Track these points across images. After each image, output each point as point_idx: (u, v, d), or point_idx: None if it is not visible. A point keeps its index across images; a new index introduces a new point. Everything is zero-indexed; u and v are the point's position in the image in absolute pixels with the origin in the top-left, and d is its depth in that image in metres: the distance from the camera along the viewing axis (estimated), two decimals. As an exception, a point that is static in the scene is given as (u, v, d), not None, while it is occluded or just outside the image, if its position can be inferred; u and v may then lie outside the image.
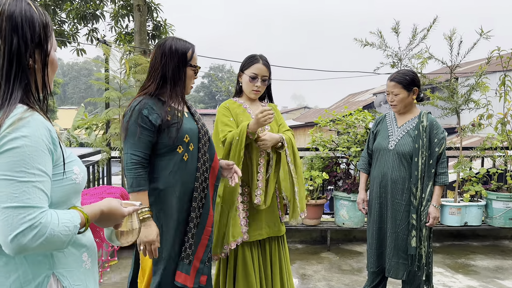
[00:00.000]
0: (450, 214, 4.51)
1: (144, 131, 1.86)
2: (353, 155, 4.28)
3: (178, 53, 1.93)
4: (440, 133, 2.71)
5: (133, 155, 1.86)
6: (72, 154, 1.21)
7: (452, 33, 4.33)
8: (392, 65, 4.72)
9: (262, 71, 2.58)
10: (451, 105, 4.43)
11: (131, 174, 1.86)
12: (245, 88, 2.64)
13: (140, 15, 6.72)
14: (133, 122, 1.86)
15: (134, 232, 1.34)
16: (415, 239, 2.69)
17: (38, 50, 1.11)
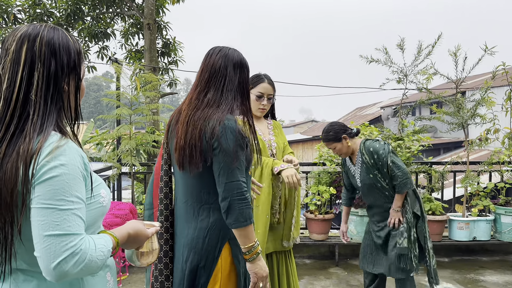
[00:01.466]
0: (458, 229, 4.51)
1: (243, 153, 1.66)
2: (360, 170, 4.31)
3: (247, 66, 1.81)
4: (380, 155, 2.88)
5: (244, 182, 1.63)
6: (98, 177, 1.23)
7: (456, 49, 4.40)
8: (398, 80, 4.78)
9: (267, 90, 2.69)
10: (458, 120, 4.46)
11: (246, 204, 1.61)
12: (251, 107, 2.75)
13: (150, 33, 6.87)
14: (239, 146, 1.63)
15: (154, 252, 1.35)
16: (406, 240, 2.87)
17: (73, 74, 1.17)
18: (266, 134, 2.80)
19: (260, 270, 1.67)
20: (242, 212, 1.60)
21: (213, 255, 1.70)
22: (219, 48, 1.80)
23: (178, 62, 8.86)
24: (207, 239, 1.70)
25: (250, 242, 1.64)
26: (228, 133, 1.62)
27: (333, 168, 4.46)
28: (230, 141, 1.61)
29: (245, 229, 1.61)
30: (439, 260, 4.67)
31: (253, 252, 1.65)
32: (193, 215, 1.73)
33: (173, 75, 8.93)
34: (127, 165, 4.48)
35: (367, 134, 4.33)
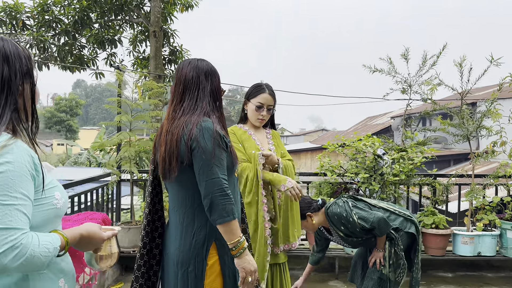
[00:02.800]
0: (462, 243, 4.39)
1: (224, 153, 1.73)
2: (362, 181, 4.24)
3: (216, 73, 1.92)
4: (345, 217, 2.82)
5: (224, 179, 1.68)
6: (54, 180, 1.28)
7: (462, 59, 4.32)
8: (402, 91, 4.71)
9: (268, 100, 2.67)
10: (462, 132, 4.37)
11: (228, 200, 1.66)
12: (250, 116, 2.74)
13: (156, 41, 6.91)
14: (216, 144, 1.70)
15: (113, 256, 1.40)
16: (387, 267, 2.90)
17: (27, 79, 1.23)
18: (265, 144, 2.77)
19: (248, 265, 1.70)
20: (224, 208, 1.64)
21: (201, 256, 1.74)
22: (189, 61, 1.89)
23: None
24: (194, 240, 1.74)
25: (235, 237, 1.67)
26: (205, 132, 1.69)
27: (334, 178, 4.39)
28: (207, 140, 1.68)
29: (229, 224, 1.65)
30: (443, 275, 4.56)
31: (239, 247, 1.68)
32: (180, 221, 1.78)
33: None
34: (127, 172, 4.46)
35: (369, 145, 4.26)
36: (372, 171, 4.27)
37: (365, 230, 2.82)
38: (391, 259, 2.87)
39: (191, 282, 1.72)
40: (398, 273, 2.91)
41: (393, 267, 2.88)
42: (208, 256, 1.73)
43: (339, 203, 2.92)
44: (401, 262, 2.88)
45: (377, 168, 4.28)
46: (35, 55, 7.60)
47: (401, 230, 2.92)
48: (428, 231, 4.36)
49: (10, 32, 7.38)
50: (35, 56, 7.61)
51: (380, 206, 3.02)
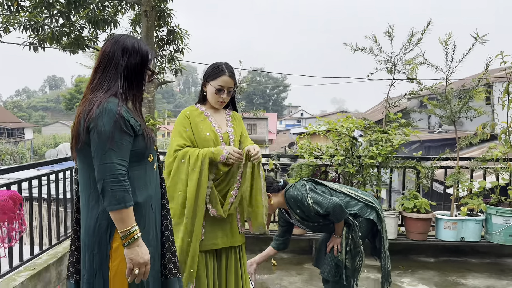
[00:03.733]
0: (445, 228, 4.27)
1: (126, 137, 1.64)
2: (337, 163, 4.14)
3: (141, 52, 1.77)
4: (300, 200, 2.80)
5: (120, 165, 1.60)
6: None
7: (447, 37, 4.11)
8: (388, 70, 4.54)
9: (228, 83, 2.57)
10: (447, 113, 4.20)
11: (121, 187, 1.59)
12: (210, 99, 2.64)
13: (147, 20, 6.82)
14: (117, 128, 1.61)
15: None
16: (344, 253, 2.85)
17: None
18: (223, 125, 2.69)
19: (136, 257, 1.63)
20: (115, 195, 1.58)
21: (105, 241, 1.68)
22: (113, 36, 1.80)
23: (184, 51, 8.80)
24: (98, 224, 1.68)
25: (125, 226, 1.61)
26: (105, 114, 1.60)
27: (310, 161, 4.30)
28: (106, 123, 1.60)
29: (119, 212, 1.59)
30: (424, 260, 4.46)
31: (129, 236, 1.61)
32: (86, 203, 1.72)
33: (179, 63, 8.89)
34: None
35: (346, 126, 4.13)
36: (349, 153, 4.16)
37: (321, 215, 2.76)
38: (348, 245, 2.80)
39: (96, 265, 1.68)
40: (357, 261, 2.83)
41: (350, 254, 2.81)
42: (113, 240, 1.67)
43: (297, 185, 2.86)
44: (359, 250, 2.80)
45: (354, 151, 4.17)
46: (30, 37, 7.64)
47: (360, 216, 2.84)
48: (409, 215, 4.25)
49: (5, 13, 7.43)
50: (30, 38, 7.65)
51: (341, 191, 2.94)
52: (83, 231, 1.74)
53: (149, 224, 1.77)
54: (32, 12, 7.32)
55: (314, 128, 4.49)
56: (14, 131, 45.07)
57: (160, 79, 8.17)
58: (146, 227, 1.75)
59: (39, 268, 3.37)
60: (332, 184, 3.01)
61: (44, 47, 7.74)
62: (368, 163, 4.06)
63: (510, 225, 4.13)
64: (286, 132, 48.55)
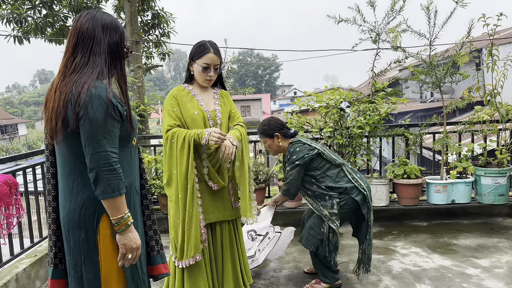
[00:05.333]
0: (435, 192, 4.36)
1: (116, 124, 1.63)
2: (326, 135, 4.19)
3: (119, 28, 1.74)
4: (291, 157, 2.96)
5: (113, 152, 1.60)
6: None
7: (429, 3, 4.12)
8: (373, 40, 4.55)
9: (214, 60, 2.59)
10: (432, 79, 4.24)
11: (115, 175, 1.59)
12: (197, 78, 2.68)
13: (130, 5, 6.76)
14: (108, 114, 1.59)
15: None
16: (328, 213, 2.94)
17: None
18: (210, 104, 2.72)
19: (130, 242, 1.65)
20: (109, 183, 1.58)
21: (92, 227, 1.69)
22: (87, 12, 1.72)
23: (170, 34, 8.74)
24: (83, 210, 1.68)
25: (119, 213, 1.63)
26: (95, 100, 1.57)
27: (301, 135, 4.35)
28: (97, 110, 1.57)
29: (113, 200, 1.60)
30: (417, 224, 4.57)
31: (122, 223, 1.63)
32: (69, 188, 1.70)
33: (166, 47, 8.84)
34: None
35: (333, 98, 4.18)
36: (338, 125, 4.21)
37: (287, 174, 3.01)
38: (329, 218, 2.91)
39: (84, 251, 1.69)
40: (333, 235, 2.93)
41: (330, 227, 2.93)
42: (100, 226, 1.68)
43: (303, 150, 2.95)
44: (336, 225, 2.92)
45: (343, 122, 4.22)
46: (13, 30, 7.56)
47: (348, 194, 2.93)
48: (399, 181, 4.34)
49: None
50: (14, 31, 7.57)
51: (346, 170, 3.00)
52: (65, 216, 1.72)
53: (134, 207, 1.80)
54: (14, 4, 7.23)
55: (302, 103, 4.54)
56: (8, 127, 44.78)
57: (148, 64, 8.15)
58: (132, 210, 1.76)
59: (40, 255, 3.44)
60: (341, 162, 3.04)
61: (29, 38, 7.66)
62: (357, 134, 4.12)
63: (499, 184, 4.23)
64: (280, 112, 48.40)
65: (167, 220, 4.66)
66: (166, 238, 4.46)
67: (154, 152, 5.15)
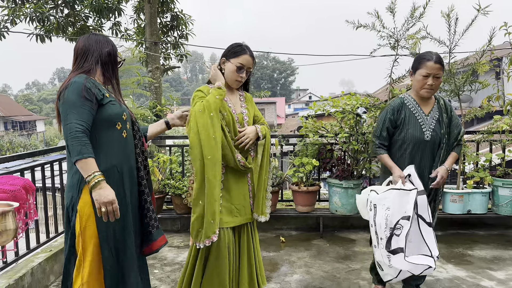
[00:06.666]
0: (451, 201, 4.30)
1: (87, 103, 1.95)
2: (341, 140, 4.17)
3: (111, 42, 2.20)
4: (455, 114, 2.76)
5: (78, 124, 1.90)
6: None
7: (450, 10, 4.08)
8: (391, 46, 4.52)
9: (248, 62, 2.55)
10: (451, 87, 4.19)
11: (78, 141, 1.88)
12: (228, 76, 2.57)
13: (150, 7, 6.84)
14: (75, 93, 1.93)
15: (8, 232, 1.42)
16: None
17: None
18: (237, 106, 2.64)
19: (101, 197, 1.88)
20: (74, 149, 1.88)
21: (76, 195, 1.99)
22: (83, 35, 2.20)
23: (188, 36, 8.81)
24: (69, 180, 2.02)
25: (87, 173, 1.89)
26: (71, 85, 1.95)
27: (315, 139, 4.34)
28: (70, 92, 1.94)
29: (79, 162, 1.88)
30: (432, 233, 4.50)
31: (92, 180, 1.88)
32: (68, 167, 2.10)
33: (184, 49, 8.91)
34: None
35: (350, 104, 4.16)
36: (354, 130, 4.19)
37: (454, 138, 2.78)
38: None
39: (69, 217, 2.01)
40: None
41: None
42: (81, 195, 1.96)
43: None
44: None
45: (359, 128, 4.19)
46: (36, 28, 7.72)
47: None
48: (415, 190, 4.28)
49: (10, 5, 7.50)
50: (36, 29, 7.73)
51: None
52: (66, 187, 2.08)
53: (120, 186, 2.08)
54: (37, 3, 7.38)
55: (318, 107, 4.52)
56: (26, 124, 45.64)
57: (166, 66, 8.22)
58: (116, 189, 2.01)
59: (55, 250, 3.50)
60: None
61: (50, 37, 7.81)
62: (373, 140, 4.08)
63: (517, 196, 4.15)
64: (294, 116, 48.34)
65: (180, 220, 4.72)
66: (179, 238, 4.50)
67: (170, 152, 5.19)
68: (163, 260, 3.90)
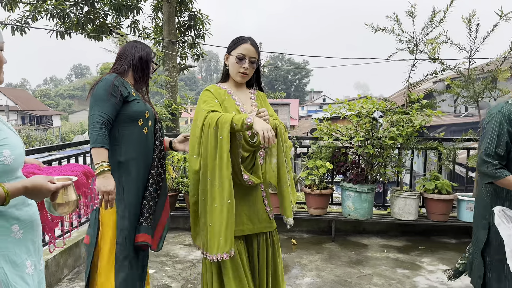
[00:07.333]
0: (467, 209, 4.25)
1: (112, 98, 2.17)
2: (356, 144, 4.14)
3: (147, 48, 2.43)
4: None
5: (99, 116, 2.13)
6: (7, 139, 1.37)
7: (471, 15, 4.03)
8: (410, 51, 4.48)
9: (250, 51, 2.34)
10: (470, 93, 4.13)
11: (96, 131, 2.10)
12: (231, 71, 2.41)
13: (168, 6, 6.89)
14: (103, 89, 2.17)
15: (70, 204, 1.52)
16: None
17: None
18: (247, 105, 2.44)
19: (100, 185, 2.06)
20: (91, 137, 2.12)
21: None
22: (127, 42, 2.51)
23: (205, 36, 8.85)
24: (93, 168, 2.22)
25: (96, 161, 2.10)
26: (102, 81, 2.20)
27: (329, 142, 4.32)
28: (99, 87, 2.18)
29: (93, 150, 2.11)
30: (446, 241, 4.45)
31: (98, 169, 2.07)
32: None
33: (200, 48, 8.95)
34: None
35: (366, 107, 4.13)
36: (370, 134, 4.15)
37: None
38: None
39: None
40: None
41: None
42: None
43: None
44: None
45: (374, 132, 4.16)
46: (56, 24, 7.84)
47: None
48: (430, 196, 4.24)
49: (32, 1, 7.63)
50: (56, 25, 7.85)
51: None
52: None
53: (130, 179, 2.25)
54: (58, 0, 7.49)
55: (334, 110, 4.50)
56: (43, 118, 46.37)
57: (182, 65, 8.27)
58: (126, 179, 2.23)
59: (69, 244, 3.55)
60: None
61: (70, 33, 7.93)
62: (388, 144, 4.06)
63: (535, 206, 4.07)
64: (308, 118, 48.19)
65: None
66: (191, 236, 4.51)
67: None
68: (174, 257, 3.92)
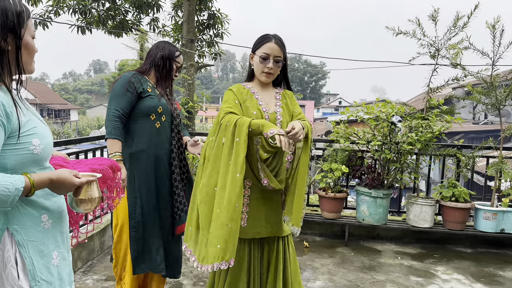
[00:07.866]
0: (484, 219, 4.16)
1: (128, 94, 2.36)
2: (374, 148, 4.09)
3: (171, 48, 2.57)
4: None
5: (115, 109, 2.33)
6: (36, 128, 1.35)
7: (495, 21, 3.94)
8: (431, 55, 4.41)
9: (274, 50, 2.26)
10: (491, 101, 4.05)
11: (111, 123, 2.31)
12: (256, 70, 2.34)
13: (189, 4, 6.92)
14: (121, 85, 2.37)
15: (93, 201, 1.45)
16: None
17: (12, 35, 1.28)
18: (271, 104, 2.34)
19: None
20: (107, 129, 2.33)
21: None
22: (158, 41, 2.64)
23: (223, 35, 8.87)
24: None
25: (110, 151, 2.33)
26: (121, 78, 2.40)
27: (346, 145, 4.28)
28: (118, 83, 2.39)
29: (108, 140, 2.34)
30: (461, 250, 4.36)
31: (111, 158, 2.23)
32: None
33: (218, 47, 8.98)
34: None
35: (385, 111, 4.07)
36: (387, 139, 4.10)
37: None
38: None
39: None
40: None
41: None
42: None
43: None
44: None
45: (392, 136, 4.10)
46: (78, 20, 7.96)
47: None
48: (447, 204, 4.17)
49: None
50: (78, 21, 7.97)
51: None
52: None
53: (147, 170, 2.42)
54: (80, -4, 7.60)
55: (351, 113, 4.46)
56: (61, 112, 47.11)
57: (200, 63, 8.31)
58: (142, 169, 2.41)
59: (82, 237, 3.57)
60: None
61: (91, 29, 8.03)
62: (406, 150, 4.00)
63: (555, 218, 3.97)
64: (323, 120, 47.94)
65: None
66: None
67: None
68: (186, 255, 3.92)
